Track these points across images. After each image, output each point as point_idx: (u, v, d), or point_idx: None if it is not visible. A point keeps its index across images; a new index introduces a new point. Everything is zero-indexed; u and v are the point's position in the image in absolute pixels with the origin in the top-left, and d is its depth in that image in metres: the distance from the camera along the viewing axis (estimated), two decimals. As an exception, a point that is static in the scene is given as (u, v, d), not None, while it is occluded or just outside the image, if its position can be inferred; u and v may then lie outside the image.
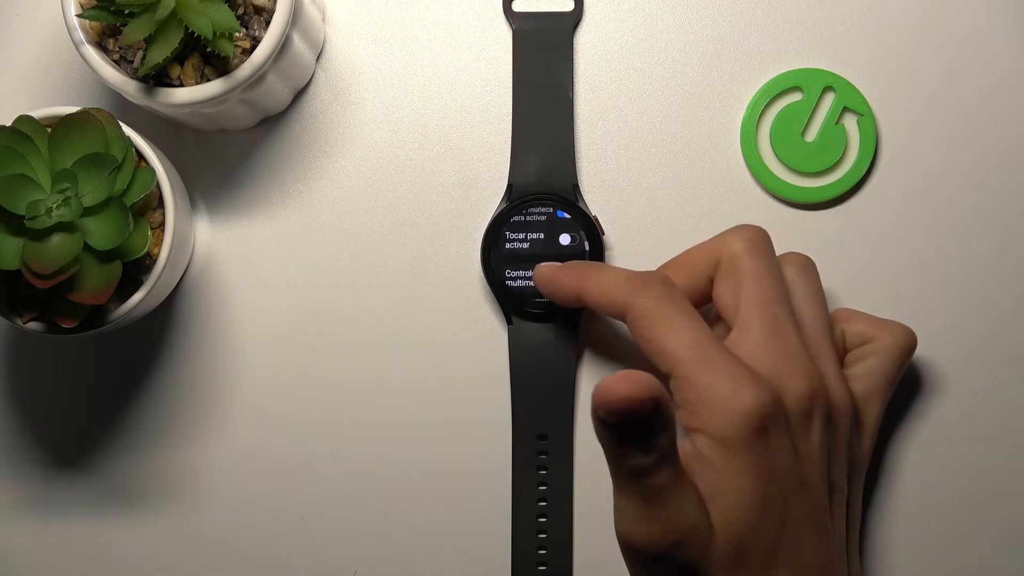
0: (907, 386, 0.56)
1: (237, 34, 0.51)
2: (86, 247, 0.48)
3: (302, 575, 0.57)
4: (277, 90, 0.55)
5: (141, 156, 0.52)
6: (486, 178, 0.57)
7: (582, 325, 0.56)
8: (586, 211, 0.55)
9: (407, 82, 0.57)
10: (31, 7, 0.58)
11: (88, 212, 0.48)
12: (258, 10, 0.52)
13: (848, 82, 0.56)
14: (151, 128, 0.56)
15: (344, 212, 0.57)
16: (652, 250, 0.56)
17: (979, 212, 0.57)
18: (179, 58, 0.51)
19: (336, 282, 0.57)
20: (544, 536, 0.56)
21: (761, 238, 0.51)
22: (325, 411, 0.57)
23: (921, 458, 0.56)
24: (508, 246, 0.55)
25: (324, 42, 0.58)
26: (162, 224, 0.52)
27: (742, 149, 0.57)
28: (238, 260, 0.57)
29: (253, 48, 0.51)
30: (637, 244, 0.57)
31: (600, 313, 0.52)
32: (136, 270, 0.51)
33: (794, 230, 0.56)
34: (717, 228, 0.52)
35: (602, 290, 0.51)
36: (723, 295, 0.51)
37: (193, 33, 0.49)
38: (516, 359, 0.56)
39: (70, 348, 0.57)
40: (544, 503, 0.56)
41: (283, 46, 0.52)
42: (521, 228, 0.55)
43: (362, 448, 0.57)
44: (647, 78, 0.57)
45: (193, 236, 0.57)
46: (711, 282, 0.52)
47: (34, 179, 0.48)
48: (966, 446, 0.56)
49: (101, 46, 0.52)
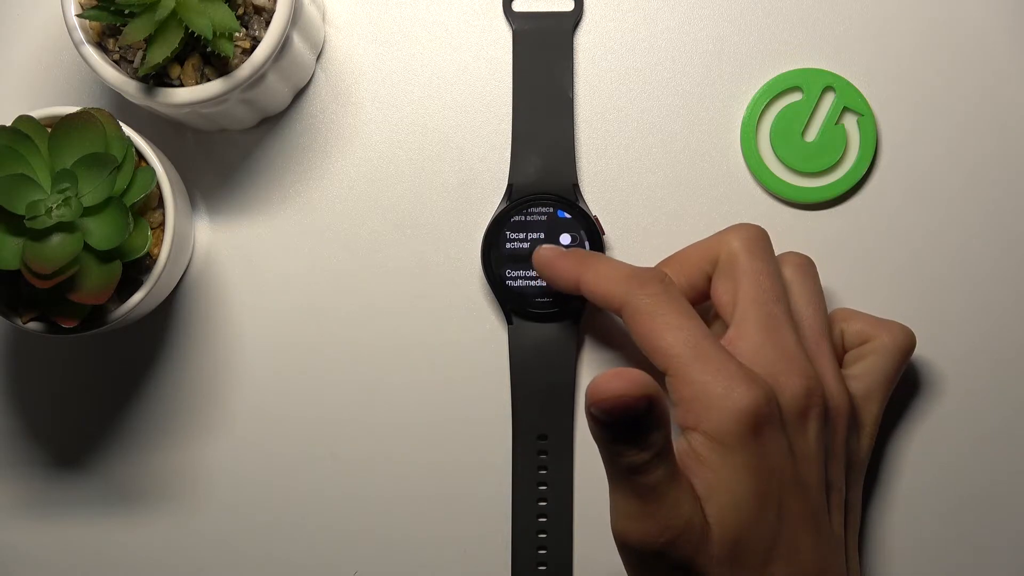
0: (907, 386, 0.56)
1: (237, 34, 0.51)
2: (86, 247, 0.48)
3: (302, 575, 0.57)
4: (277, 90, 0.55)
5: (141, 156, 0.52)
6: (486, 178, 0.57)
7: (583, 325, 0.56)
8: (586, 211, 0.55)
9: (407, 82, 0.57)
10: (31, 7, 0.58)
11: (88, 212, 0.48)
12: (258, 10, 0.52)
13: (848, 82, 0.56)
14: (151, 128, 0.56)
15: (344, 212, 0.57)
16: (652, 250, 0.56)
17: (979, 212, 0.57)
18: (179, 58, 0.51)
19: (336, 282, 0.57)
20: (544, 536, 0.56)
21: (760, 237, 0.51)
22: (325, 411, 0.57)
23: (921, 458, 0.56)
24: (508, 246, 0.55)
25: (324, 42, 0.58)
26: (162, 224, 0.52)
27: (742, 149, 0.57)
28: (238, 260, 0.57)
29: (253, 48, 0.51)
30: (637, 244, 0.57)
31: (596, 305, 0.52)
32: (136, 270, 0.51)
33: (794, 230, 0.56)
34: (717, 228, 0.52)
35: (600, 283, 0.51)
36: (721, 293, 0.51)
37: (193, 33, 0.49)
38: (516, 359, 0.56)
39: (70, 348, 0.57)
40: (544, 503, 0.56)
41: (283, 46, 0.52)
42: (521, 228, 0.55)
43: (362, 448, 0.57)
44: (647, 78, 0.57)
45: (193, 236, 0.57)
46: (709, 280, 0.52)
47: (34, 179, 0.48)
48: (966, 446, 0.56)
49: (101, 46, 0.52)
